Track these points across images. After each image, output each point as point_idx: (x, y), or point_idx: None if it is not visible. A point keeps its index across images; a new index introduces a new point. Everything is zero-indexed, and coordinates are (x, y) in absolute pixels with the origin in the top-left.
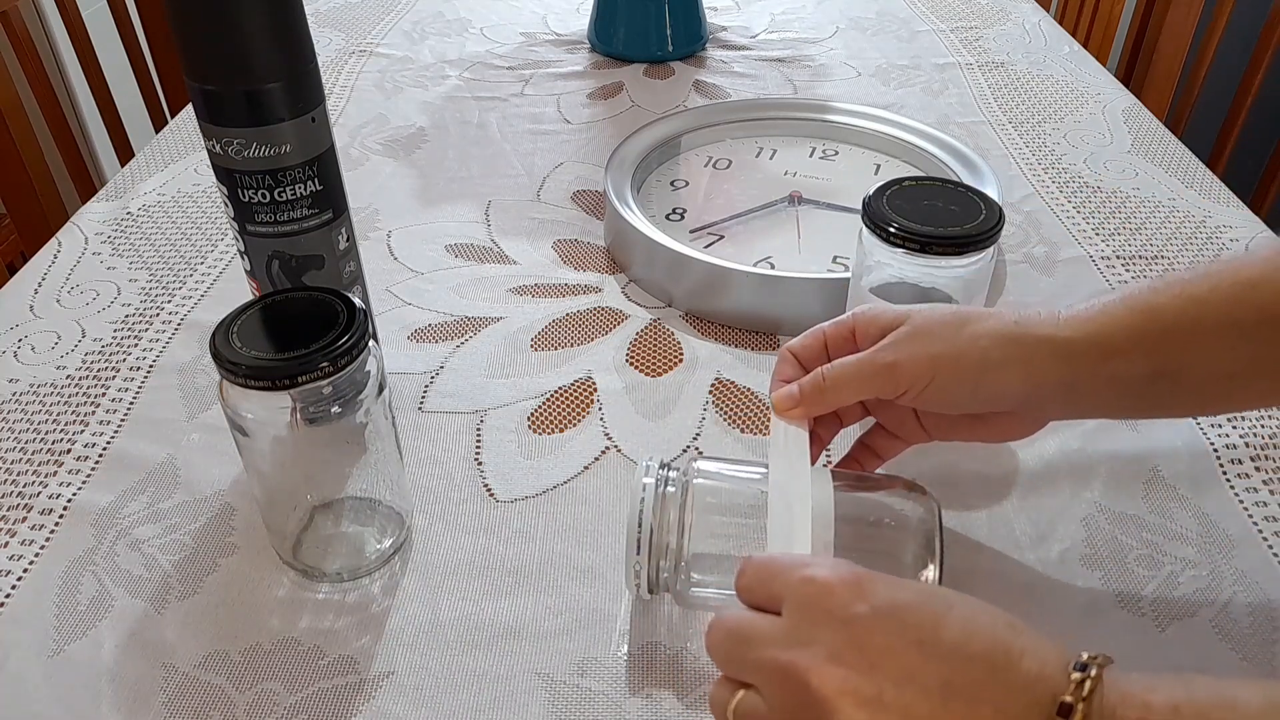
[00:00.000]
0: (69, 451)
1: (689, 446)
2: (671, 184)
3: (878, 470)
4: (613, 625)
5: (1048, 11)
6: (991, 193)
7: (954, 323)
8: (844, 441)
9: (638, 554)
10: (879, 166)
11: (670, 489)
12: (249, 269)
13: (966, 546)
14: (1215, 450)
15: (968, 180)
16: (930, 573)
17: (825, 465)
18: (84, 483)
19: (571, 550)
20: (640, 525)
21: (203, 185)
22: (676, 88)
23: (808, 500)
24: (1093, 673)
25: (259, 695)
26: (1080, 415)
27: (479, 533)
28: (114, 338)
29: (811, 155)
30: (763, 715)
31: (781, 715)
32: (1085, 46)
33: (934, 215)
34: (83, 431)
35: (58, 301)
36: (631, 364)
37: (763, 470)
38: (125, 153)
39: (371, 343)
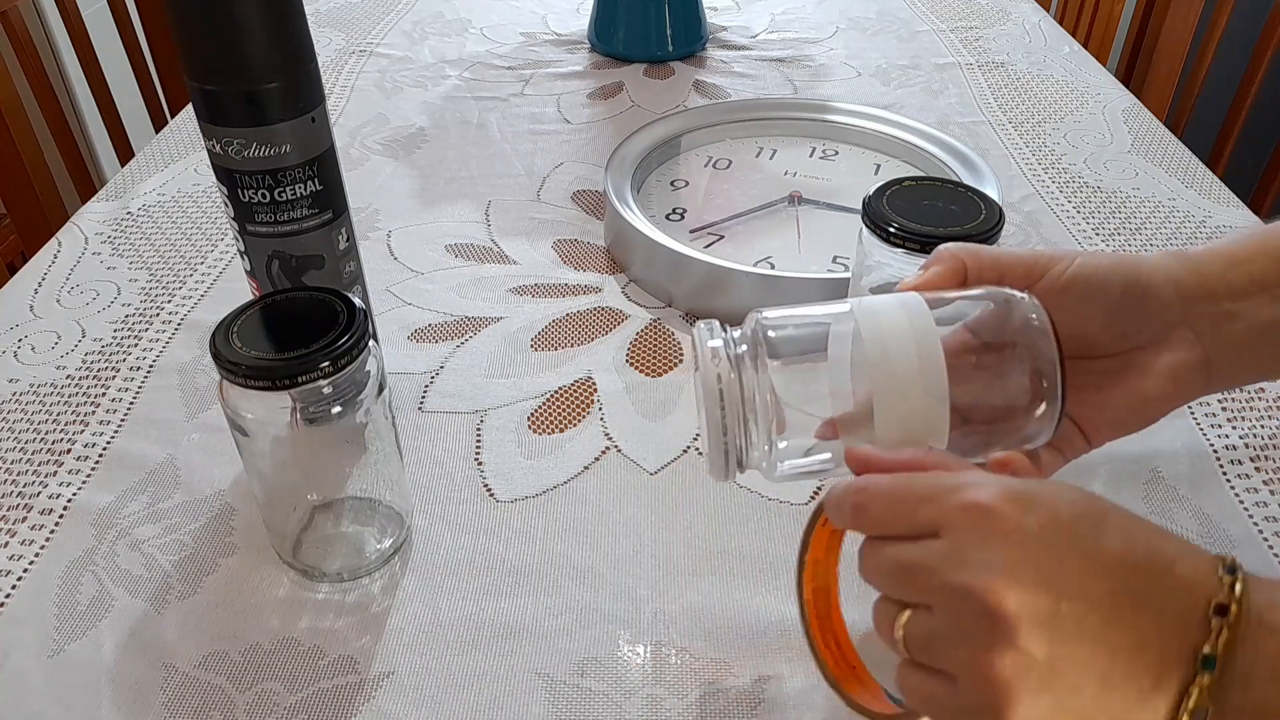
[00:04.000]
0: (69, 451)
1: (689, 447)
2: (671, 184)
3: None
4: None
5: (1048, 11)
6: (991, 193)
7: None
8: None
9: (724, 435)
10: (879, 166)
11: (742, 349)
12: (249, 269)
13: None
14: (1215, 450)
15: (968, 180)
16: (1050, 405)
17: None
18: (84, 483)
19: (571, 550)
20: (723, 398)
21: (203, 185)
22: (676, 88)
23: (914, 363)
24: (1240, 575)
25: (259, 695)
26: (1251, 360)
27: (479, 533)
28: (114, 338)
29: (811, 155)
30: (936, 633)
31: (957, 633)
32: (1085, 46)
33: (934, 215)
34: (83, 431)
35: (58, 301)
36: (631, 364)
37: (836, 310)
38: (125, 153)
39: (371, 343)
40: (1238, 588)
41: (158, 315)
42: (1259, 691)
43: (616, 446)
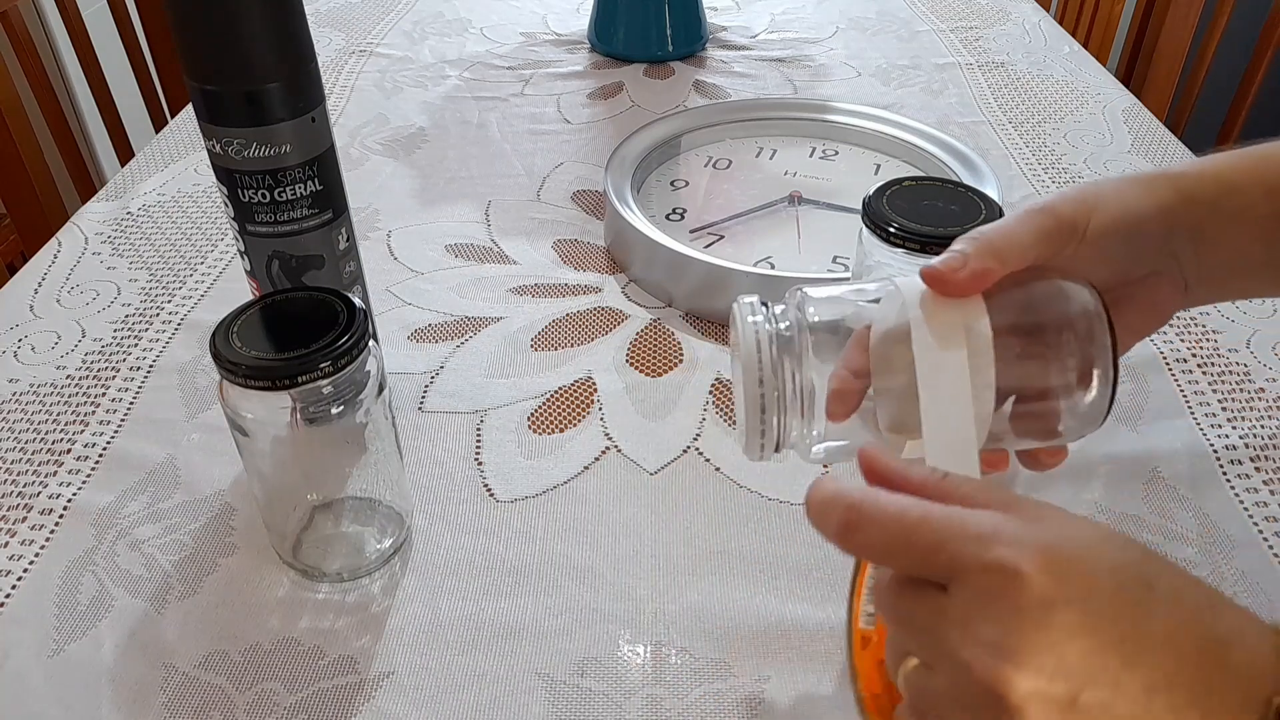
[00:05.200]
0: (69, 451)
1: (689, 447)
2: (671, 184)
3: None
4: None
5: (1048, 11)
6: (991, 193)
7: (1079, 189)
8: None
9: (762, 413)
10: (879, 166)
11: (783, 326)
12: (249, 269)
13: None
14: (1215, 450)
15: (968, 180)
16: (1097, 384)
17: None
18: (84, 483)
19: (571, 550)
20: (762, 379)
21: (203, 185)
22: (676, 88)
23: (962, 361)
24: None
25: (259, 695)
26: (1215, 280)
27: (479, 533)
28: (114, 338)
29: (811, 155)
30: (936, 693)
31: (958, 704)
32: (1085, 46)
33: (934, 215)
34: (83, 431)
35: (58, 301)
36: (631, 364)
37: (884, 290)
38: (125, 153)
39: (371, 343)
40: None
41: (158, 315)
42: None
43: (616, 446)
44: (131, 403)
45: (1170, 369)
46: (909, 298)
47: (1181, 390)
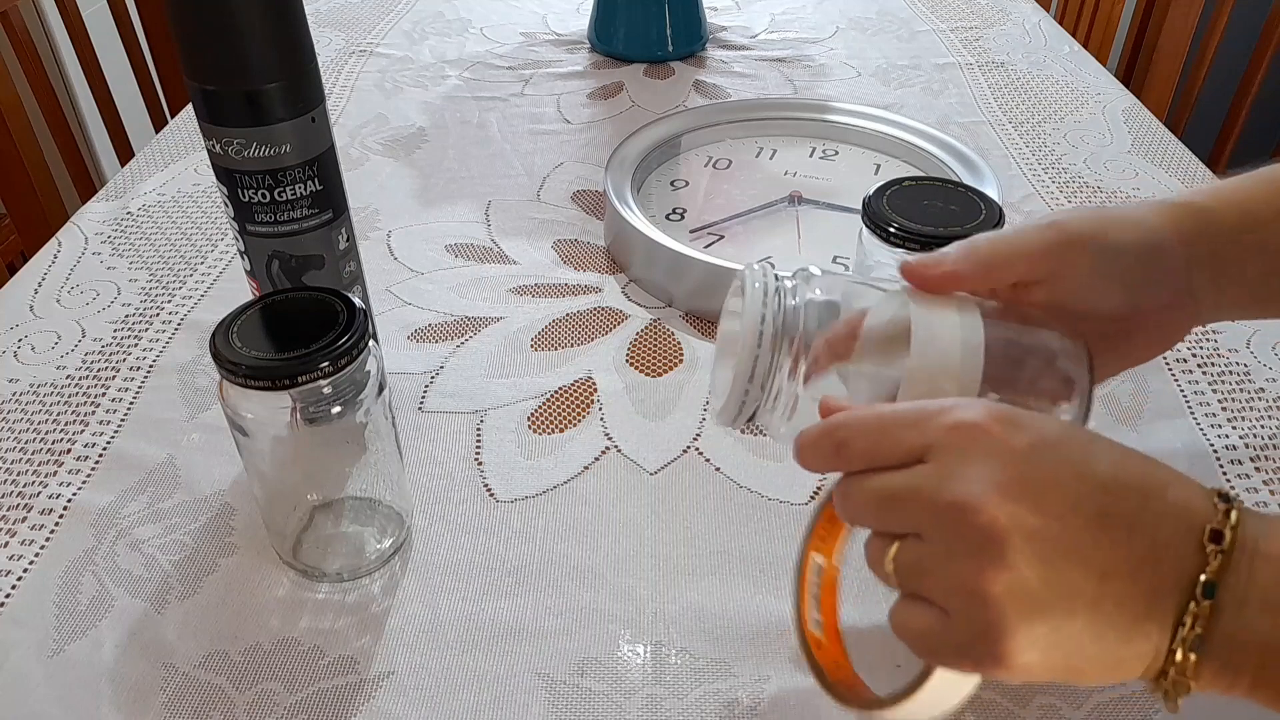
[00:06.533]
0: (69, 451)
1: (689, 447)
2: (671, 184)
3: None
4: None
5: (1048, 11)
6: (991, 193)
7: (1093, 209)
8: None
9: (750, 380)
10: (879, 166)
11: (792, 302)
12: (249, 269)
13: None
14: (1215, 450)
15: (968, 180)
16: (1072, 409)
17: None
18: (84, 483)
19: (571, 550)
20: (759, 348)
21: (203, 185)
22: (676, 88)
23: (955, 331)
24: (1235, 503)
25: (259, 695)
26: (1230, 304)
27: (479, 533)
28: (114, 338)
29: (811, 155)
30: (926, 559)
31: (946, 557)
32: (1085, 46)
33: (934, 215)
34: (83, 431)
35: (58, 301)
36: (631, 364)
37: (882, 285)
38: (125, 153)
39: (371, 343)
40: (1233, 515)
41: (158, 315)
42: (1250, 620)
43: (616, 446)
44: (131, 403)
45: (1170, 369)
46: (912, 310)
47: (1181, 390)
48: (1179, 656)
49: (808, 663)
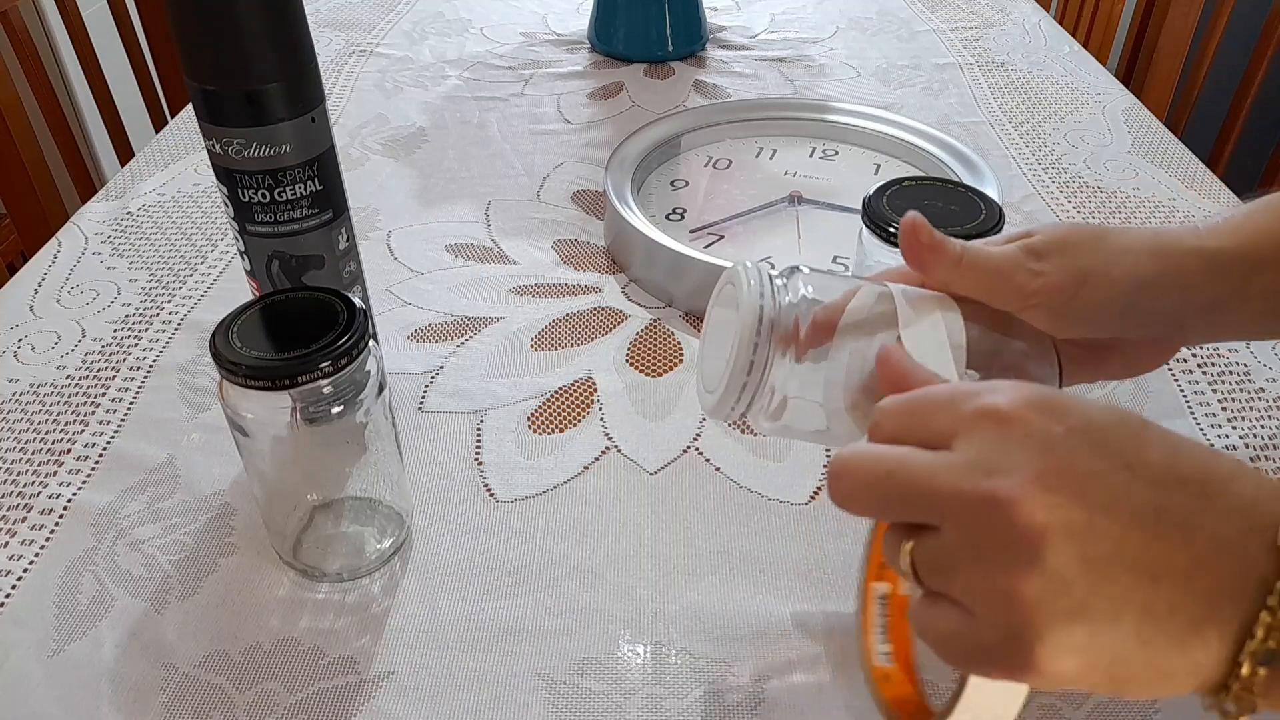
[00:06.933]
0: (69, 451)
1: (689, 447)
2: (671, 184)
3: None
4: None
5: (1048, 11)
6: (991, 193)
7: (1094, 234)
8: None
9: (747, 374)
10: (879, 166)
11: (787, 298)
12: (249, 269)
13: None
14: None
15: (968, 180)
16: None
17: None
18: (84, 483)
19: (571, 550)
20: (756, 344)
21: (203, 185)
22: (676, 88)
23: (940, 324)
24: None
25: (259, 695)
26: (1220, 337)
27: (479, 533)
28: (114, 338)
29: (811, 155)
30: (947, 553)
31: (972, 553)
32: (1085, 46)
33: (934, 215)
34: (83, 431)
35: (58, 301)
36: (631, 364)
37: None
38: (125, 153)
39: (371, 343)
40: None
41: (158, 315)
42: None
43: (616, 446)
44: (131, 403)
45: (1170, 369)
46: (895, 290)
47: (1181, 390)
48: (1245, 670)
49: (875, 700)
